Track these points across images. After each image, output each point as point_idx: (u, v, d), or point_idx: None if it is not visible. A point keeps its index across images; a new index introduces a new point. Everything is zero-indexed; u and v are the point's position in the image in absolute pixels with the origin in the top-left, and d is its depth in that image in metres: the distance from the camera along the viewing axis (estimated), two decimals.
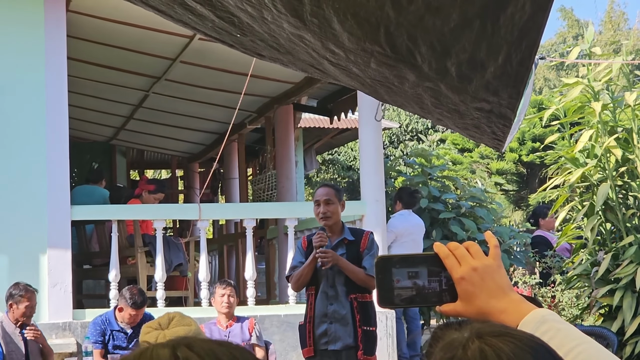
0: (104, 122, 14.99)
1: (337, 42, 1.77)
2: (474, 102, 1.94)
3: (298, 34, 1.83)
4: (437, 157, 12.99)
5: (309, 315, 6.74)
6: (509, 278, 1.79)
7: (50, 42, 9.26)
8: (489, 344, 1.34)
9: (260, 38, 1.99)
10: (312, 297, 6.75)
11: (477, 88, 1.84)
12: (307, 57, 2.02)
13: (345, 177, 28.69)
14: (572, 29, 43.94)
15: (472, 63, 1.73)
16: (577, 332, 1.60)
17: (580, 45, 8.82)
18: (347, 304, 6.66)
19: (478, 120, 2.07)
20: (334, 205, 6.76)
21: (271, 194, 12.99)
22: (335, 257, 6.57)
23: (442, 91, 1.91)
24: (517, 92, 1.82)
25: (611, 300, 8.36)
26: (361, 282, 6.63)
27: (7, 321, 7.67)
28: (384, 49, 1.72)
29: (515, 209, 24.62)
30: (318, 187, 7.02)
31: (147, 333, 4.06)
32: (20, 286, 7.74)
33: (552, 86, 38.03)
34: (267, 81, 11.49)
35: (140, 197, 11.16)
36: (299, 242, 7.06)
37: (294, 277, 6.75)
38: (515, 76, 1.75)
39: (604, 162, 8.62)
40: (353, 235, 6.80)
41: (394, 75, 1.88)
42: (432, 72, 1.81)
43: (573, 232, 9.22)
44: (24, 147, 9.18)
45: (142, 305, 8.05)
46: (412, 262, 1.73)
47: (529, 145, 22.36)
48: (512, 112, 1.94)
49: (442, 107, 2.06)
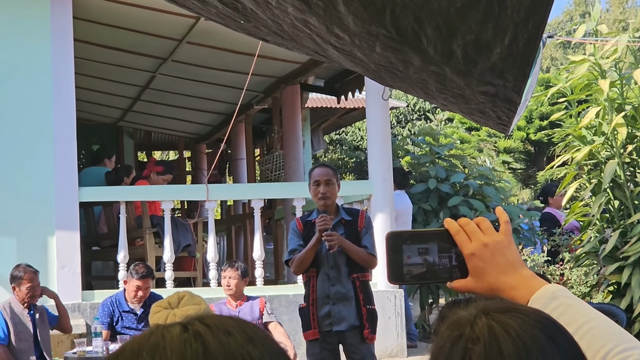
0: (110, 103, 14.99)
1: (342, 26, 1.76)
2: (479, 86, 1.93)
3: (303, 18, 1.82)
4: (444, 136, 12.96)
5: (311, 297, 6.67)
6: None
7: (57, 24, 9.25)
8: (496, 320, 1.33)
9: (264, 24, 1.98)
10: (313, 279, 6.67)
11: (482, 71, 1.83)
12: (311, 44, 2.00)
13: (353, 157, 28.66)
14: (579, 6, 43.78)
15: (478, 44, 1.72)
16: (588, 308, 1.60)
17: (586, 24, 8.78)
18: (349, 284, 6.64)
19: (483, 104, 2.06)
20: (333, 186, 6.69)
21: (279, 174, 12.99)
22: (340, 239, 6.54)
23: (447, 75, 1.89)
24: (523, 74, 1.81)
25: (620, 278, 8.35)
26: (363, 262, 6.62)
27: (15, 302, 7.70)
28: (389, 31, 1.71)
29: (523, 188, 24.59)
30: (314, 167, 6.93)
31: (156, 312, 4.07)
32: (21, 268, 7.75)
33: (558, 65, 37.90)
34: (273, 61, 11.47)
35: (148, 179, 11.18)
36: (292, 224, 6.90)
37: (295, 260, 6.62)
38: (521, 57, 1.74)
39: (612, 139, 8.59)
40: (349, 215, 6.76)
41: (399, 59, 1.87)
42: (438, 55, 1.80)
43: (581, 210, 9.20)
44: (31, 129, 9.19)
45: (146, 277, 8.05)
46: (422, 238, 1.73)
47: (537, 123, 22.32)
48: (517, 96, 1.92)
49: (447, 92, 2.05)
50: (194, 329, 1.14)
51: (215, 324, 1.16)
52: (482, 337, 1.31)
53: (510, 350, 1.29)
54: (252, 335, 1.17)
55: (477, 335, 1.32)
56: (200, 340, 1.13)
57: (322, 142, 18.70)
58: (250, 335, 1.16)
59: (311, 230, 6.66)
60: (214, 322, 1.17)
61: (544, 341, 1.32)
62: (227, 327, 1.16)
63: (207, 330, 1.14)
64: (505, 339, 1.30)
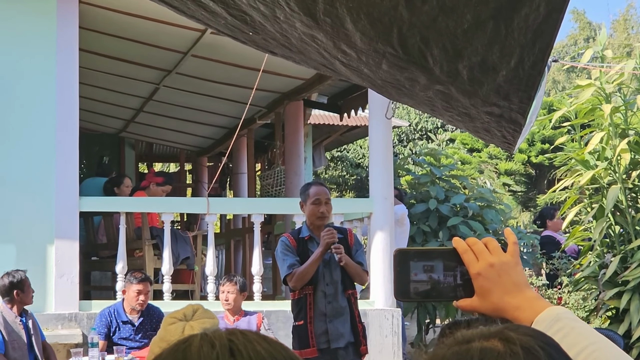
0: (113, 114, 15.01)
1: (349, 42, 1.77)
2: (484, 106, 1.93)
3: (310, 34, 1.82)
4: (445, 156, 12.96)
5: (308, 315, 6.61)
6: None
7: (62, 33, 9.26)
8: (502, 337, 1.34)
9: (272, 37, 1.99)
10: (310, 296, 6.61)
11: (488, 92, 1.83)
12: (319, 57, 2.01)
13: (354, 175, 28.66)
14: (583, 31, 43.86)
15: (484, 66, 1.72)
16: (591, 331, 1.60)
17: (592, 47, 8.79)
18: (345, 300, 6.66)
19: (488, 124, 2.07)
20: (330, 205, 6.74)
21: (279, 189, 12.99)
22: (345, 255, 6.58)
23: (453, 95, 1.90)
24: (528, 97, 1.81)
25: (618, 303, 8.34)
26: (359, 277, 6.66)
27: (7, 311, 7.64)
28: (395, 50, 1.71)
29: (522, 210, 24.56)
30: (311, 185, 6.86)
31: (171, 324, 4.04)
32: (18, 273, 7.65)
33: (560, 88, 37.94)
34: (277, 77, 11.48)
35: (146, 190, 11.14)
36: (284, 240, 6.74)
37: (297, 274, 6.51)
38: (526, 80, 1.74)
39: (615, 164, 8.60)
40: (340, 233, 6.75)
41: (405, 77, 1.88)
42: (444, 75, 1.80)
43: (581, 234, 9.20)
44: (33, 137, 9.19)
45: (145, 280, 8.07)
46: (429, 255, 1.74)
47: (538, 146, 22.32)
48: (522, 117, 1.93)
49: (452, 110, 2.05)
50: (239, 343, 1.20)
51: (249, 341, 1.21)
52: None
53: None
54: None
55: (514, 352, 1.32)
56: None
57: (324, 158, 18.70)
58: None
59: (305, 247, 6.64)
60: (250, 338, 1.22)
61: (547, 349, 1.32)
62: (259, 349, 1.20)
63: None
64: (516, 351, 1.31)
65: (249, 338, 1.20)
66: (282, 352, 1.21)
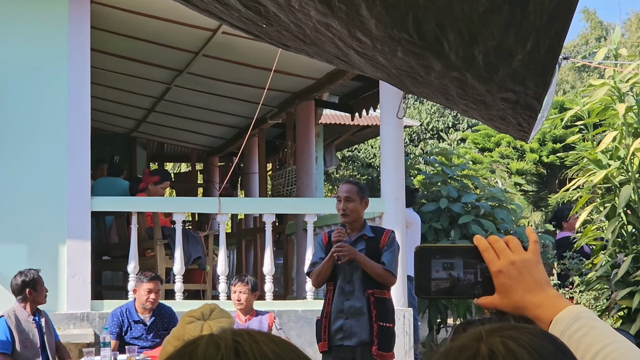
0: (125, 114, 15.04)
1: (364, 30, 1.76)
2: (500, 92, 1.93)
3: (325, 22, 1.82)
4: (457, 156, 12.94)
5: (326, 310, 6.76)
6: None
7: (74, 33, 9.28)
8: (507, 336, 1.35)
9: (286, 28, 1.98)
10: (330, 292, 6.78)
11: (503, 77, 1.83)
12: (333, 48, 2.01)
13: (365, 175, 28.66)
14: (594, 30, 43.75)
15: (500, 51, 1.72)
16: (611, 331, 1.60)
17: (607, 46, 8.76)
18: (364, 299, 6.67)
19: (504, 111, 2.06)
20: (353, 203, 6.75)
21: (290, 189, 12.99)
22: (352, 252, 6.58)
23: (469, 81, 1.89)
24: (544, 82, 1.81)
25: (630, 303, 8.30)
26: (379, 277, 6.64)
27: (20, 310, 7.66)
28: (411, 36, 1.71)
29: (534, 210, 24.50)
30: (342, 182, 7.07)
31: (189, 322, 4.04)
32: (31, 272, 7.68)
33: (568, 88, 37.83)
34: (289, 76, 11.48)
35: (146, 191, 11.03)
36: (319, 237, 7.06)
37: (314, 273, 6.77)
38: (542, 64, 1.74)
39: (627, 164, 8.56)
40: (373, 233, 6.81)
41: (421, 64, 1.87)
42: (459, 61, 1.80)
43: (594, 234, 9.17)
44: (45, 137, 9.20)
45: (155, 279, 8.09)
46: (450, 253, 1.75)
47: (550, 146, 22.26)
48: (538, 103, 1.92)
49: (467, 98, 2.05)
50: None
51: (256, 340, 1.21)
52: (498, 352, 1.32)
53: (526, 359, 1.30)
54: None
55: (492, 351, 1.32)
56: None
57: (335, 158, 18.70)
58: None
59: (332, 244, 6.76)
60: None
61: (554, 349, 1.34)
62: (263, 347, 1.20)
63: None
64: (521, 350, 1.31)
65: (256, 339, 1.20)
66: (290, 353, 1.20)
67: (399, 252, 6.88)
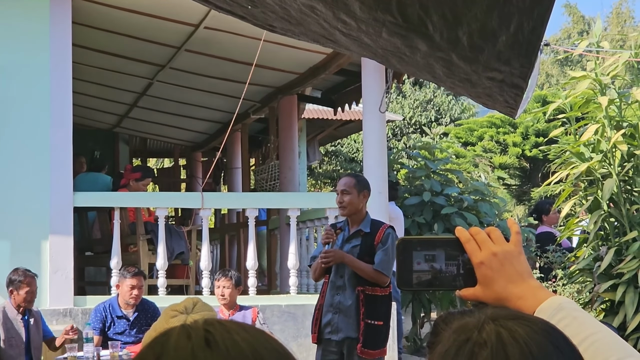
0: (107, 109, 14.99)
1: (348, 12, 1.76)
2: (485, 72, 1.93)
3: (309, 4, 1.81)
4: (440, 150, 12.96)
5: (319, 303, 6.87)
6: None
7: (56, 29, 9.24)
8: (504, 326, 1.34)
9: (271, 10, 1.98)
10: (325, 285, 6.87)
11: (488, 58, 1.83)
12: (319, 29, 2.01)
13: (348, 169, 28.66)
14: (577, 24, 43.88)
15: (484, 32, 1.72)
16: (593, 321, 1.60)
17: (588, 39, 8.79)
18: (353, 295, 6.70)
19: (490, 89, 2.07)
20: (350, 196, 6.78)
21: (273, 184, 12.98)
22: (338, 256, 6.64)
23: (454, 61, 1.90)
24: (529, 62, 1.82)
25: (613, 296, 8.34)
26: (369, 278, 6.68)
27: (10, 307, 7.65)
28: (395, 18, 1.71)
29: (517, 204, 24.58)
30: (342, 175, 7.24)
31: (172, 317, 4.02)
32: (20, 272, 7.74)
33: (554, 82, 37.93)
34: (271, 71, 11.47)
35: (127, 187, 10.97)
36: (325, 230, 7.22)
37: (311, 268, 6.93)
38: (527, 45, 1.74)
39: (610, 157, 8.59)
40: (371, 228, 6.81)
41: (406, 45, 1.87)
42: (444, 42, 1.80)
43: (576, 227, 9.20)
44: (27, 132, 9.17)
45: (139, 274, 8.06)
46: (432, 245, 1.74)
47: (532, 139, 22.31)
48: (524, 81, 1.93)
49: (453, 76, 2.06)
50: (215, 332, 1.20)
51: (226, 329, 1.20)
52: (489, 342, 1.31)
53: (516, 356, 1.30)
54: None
55: (484, 340, 1.32)
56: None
57: (318, 153, 18.70)
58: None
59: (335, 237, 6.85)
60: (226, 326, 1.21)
61: (550, 349, 1.32)
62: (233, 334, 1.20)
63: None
64: (512, 344, 1.31)
65: (228, 328, 1.19)
66: (263, 342, 1.19)
67: (394, 249, 6.87)
